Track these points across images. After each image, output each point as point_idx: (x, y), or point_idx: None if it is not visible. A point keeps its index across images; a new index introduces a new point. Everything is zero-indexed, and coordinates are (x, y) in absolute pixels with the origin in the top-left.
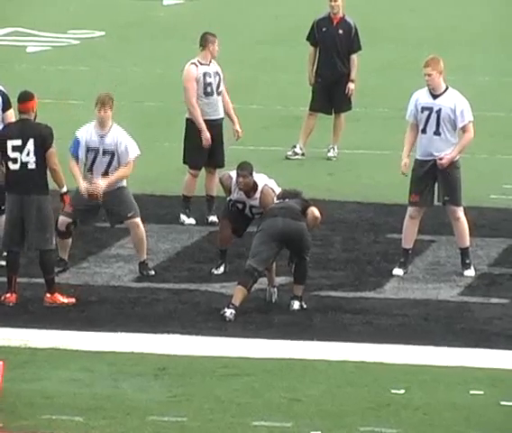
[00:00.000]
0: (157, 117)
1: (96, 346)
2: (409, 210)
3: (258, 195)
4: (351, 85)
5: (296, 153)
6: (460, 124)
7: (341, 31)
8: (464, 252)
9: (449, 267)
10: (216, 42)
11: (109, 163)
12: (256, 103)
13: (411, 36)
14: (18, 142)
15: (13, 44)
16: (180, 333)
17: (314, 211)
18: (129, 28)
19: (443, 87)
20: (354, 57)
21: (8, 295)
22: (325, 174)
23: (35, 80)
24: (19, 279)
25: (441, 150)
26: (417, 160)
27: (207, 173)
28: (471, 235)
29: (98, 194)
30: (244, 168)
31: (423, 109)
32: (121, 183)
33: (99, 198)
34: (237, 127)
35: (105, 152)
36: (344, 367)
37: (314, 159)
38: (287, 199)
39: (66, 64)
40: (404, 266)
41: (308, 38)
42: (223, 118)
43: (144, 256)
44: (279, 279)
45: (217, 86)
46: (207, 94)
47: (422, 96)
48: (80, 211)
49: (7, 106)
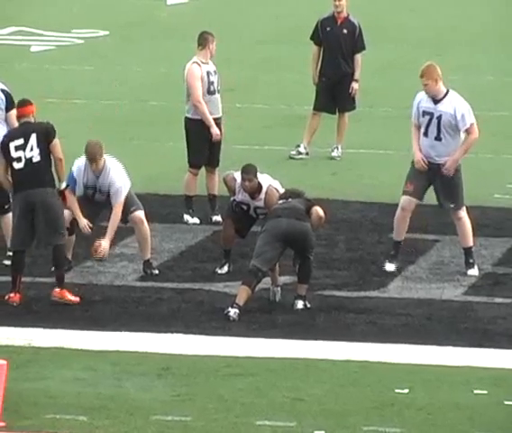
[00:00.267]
0: (160, 117)
1: (100, 346)
2: (401, 201)
3: (262, 196)
4: (354, 84)
5: (299, 153)
6: (462, 128)
7: (345, 30)
8: (468, 251)
9: (453, 267)
10: (215, 42)
11: (108, 196)
12: (260, 102)
13: (411, 36)
14: (20, 141)
15: (16, 44)
16: (184, 332)
17: (318, 211)
18: (133, 27)
19: (444, 91)
20: (358, 56)
21: (12, 295)
22: (329, 174)
23: (39, 80)
24: (23, 278)
25: (442, 155)
26: None
27: (207, 172)
28: (475, 235)
29: (104, 255)
30: (249, 171)
31: (424, 113)
32: None
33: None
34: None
35: (102, 191)
36: (348, 367)
37: (317, 158)
38: (290, 199)
39: (70, 64)
40: (395, 259)
41: (312, 37)
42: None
43: (148, 255)
44: (283, 278)
45: (217, 84)
46: (210, 92)
47: (424, 98)
48: (84, 210)
49: (11, 106)
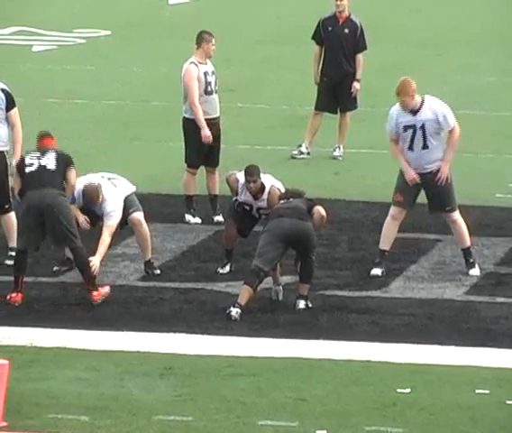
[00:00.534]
0: (162, 117)
1: (102, 346)
2: (392, 210)
3: (265, 196)
4: (356, 84)
5: (301, 153)
6: (447, 129)
7: (346, 30)
8: (466, 251)
9: (454, 266)
10: (212, 42)
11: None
12: (261, 102)
13: (412, 36)
14: (37, 153)
15: (18, 43)
16: (186, 332)
17: (320, 210)
18: (134, 27)
19: (419, 100)
20: (360, 56)
21: (14, 294)
22: (331, 174)
23: (41, 80)
24: (25, 278)
25: (431, 161)
26: None
27: (207, 173)
28: (477, 235)
29: (95, 271)
30: (253, 173)
31: (405, 128)
32: None
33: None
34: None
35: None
36: (350, 367)
37: (319, 158)
38: (291, 199)
39: (71, 63)
40: (380, 265)
41: (314, 37)
42: (219, 116)
43: (149, 255)
44: (285, 278)
45: (215, 84)
46: (208, 92)
47: (400, 112)
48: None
49: (11, 106)
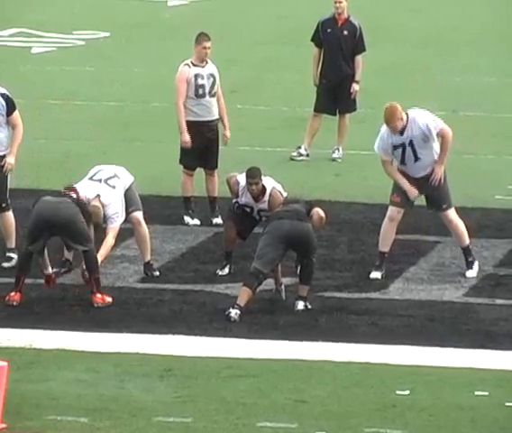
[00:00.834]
0: (162, 117)
1: (102, 347)
2: (389, 211)
3: (266, 198)
4: (355, 86)
5: (300, 154)
6: (435, 134)
7: (345, 32)
8: (466, 250)
9: (454, 268)
10: (204, 44)
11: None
12: (261, 104)
13: (412, 36)
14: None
15: (18, 45)
16: (185, 334)
17: (319, 211)
18: (134, 28)
19: (405, 118)
20: (359, 58)
21: (13, 294)
22: (331, 175)
23: (40, 81)
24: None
25: (427, 166)
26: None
27: (206, 175)
28: (476, 236)
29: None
30: (255, 175)
31: (395, 147)
32: None
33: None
34: (227, 133)
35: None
36: (350, 368)
37: (319, 160)
38: (290, 204)
39: (71, 65)
40: (380, 269)
41: (313, 39)
42: (218, 119)
43: (148, 257)
44: (285, 280)
45: (211, 87)
46: (199, 96)
47: (389, 134)
48: None
49: (12, 110)
